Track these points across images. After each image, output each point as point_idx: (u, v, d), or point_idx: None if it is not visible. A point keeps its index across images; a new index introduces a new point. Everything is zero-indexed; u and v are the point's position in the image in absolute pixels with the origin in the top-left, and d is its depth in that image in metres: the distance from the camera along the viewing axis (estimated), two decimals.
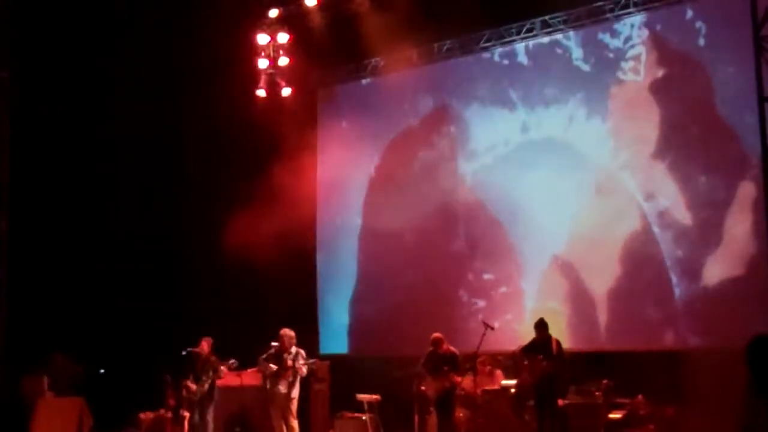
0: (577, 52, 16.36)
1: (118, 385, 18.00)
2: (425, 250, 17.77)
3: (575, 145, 16.15)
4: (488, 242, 17.14)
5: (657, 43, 15.48)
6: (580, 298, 15.83)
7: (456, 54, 17.90)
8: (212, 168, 19.05)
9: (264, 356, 14.41)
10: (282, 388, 14.15)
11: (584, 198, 15.97)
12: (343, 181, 19.29)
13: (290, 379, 14.15)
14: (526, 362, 13.40)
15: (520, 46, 17.09)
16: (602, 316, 15.58)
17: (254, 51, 18.22)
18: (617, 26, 15.86)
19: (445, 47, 17.91)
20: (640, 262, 15.26)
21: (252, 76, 18.33)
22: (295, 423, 14.23)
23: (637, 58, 15.61)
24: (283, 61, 18.22)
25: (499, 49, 17.38)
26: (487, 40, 17.39)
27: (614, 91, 15.83)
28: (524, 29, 16.90)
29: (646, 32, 15.60)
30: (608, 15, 15.92)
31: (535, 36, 16.82)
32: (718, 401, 12.34)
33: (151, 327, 18.65)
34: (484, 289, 17.03)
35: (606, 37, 16.02)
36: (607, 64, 15.99)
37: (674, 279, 14.85)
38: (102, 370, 19.10)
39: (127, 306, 18.94)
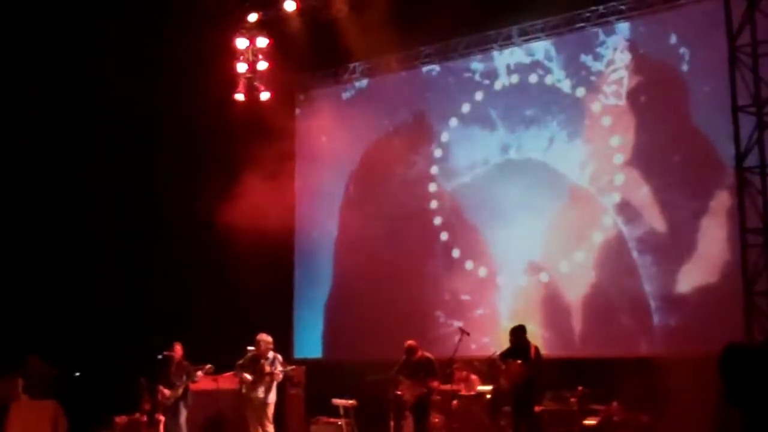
0: (559, 74, 16.39)
1: (93, 389, 17.90)
2: (400, 256, 17.80)
3: (555, 166, 16.20)
4: (463, 246, 17.17)
5: (639, 66, 15.54)
6: (555, 305, 15.90)
7: (434, 60, 17.96)
8: (190, 172, 18.99)
9: (241, 361, 14.41)
10: (259, 393, 14.16)
11: (559, 205, 16.03)
12: (320, 186, 19.33)
13: (267, 384, 14.15)
14: (503, 367, 13.40)
15: (501, 65, 17.10)
16: (577, 323, 15.66)
17: (233, 55, 18.22)
18: (600, 50, 15.91)
19: (423, 53, 17.95)
20: (615, 270, 15.35)
21: (230, 80, 18.32)
22: (271, 428, 14.25)
23: (619, 81, 15.67)
24: (262, 65, 18.23)
25: (480, 67, 17.38)
26: (466, 47, 17.45)
27: (596, 114, 15.86)
28: (501, 36, 16.95)
29: (628, 56, 15.64)
30: (584, 24, 16.01)
31: (512, 43, 16.88)
32: (692, 408, 12.42)
33: (126, 331, 18.57)
34: (458, 295, 17.05)
35: (589, 60, 16.06)
36: (589, 87, 16.03)
37: (649, 286, 14.96)
38: (77, 373, 19.01)
39: (103, 309, 18.85)
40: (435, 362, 13.93)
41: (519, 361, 13.03)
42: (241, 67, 18.23)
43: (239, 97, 18.24)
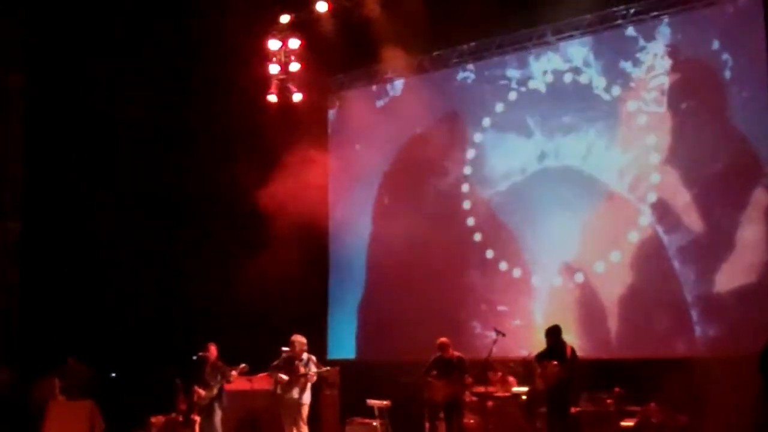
0: (598, 81, 16.24)
1: (129, 389, 18.02)
2: (433, 257, 17.73)
3: (593, 173, 16.11)
4: (497, 247, 17.12)
5: (680, 72, 15.36)
6: (591, 306, 15.81)
7: (468, 60, 17.88)
8: (224, 173, 19.04)
9: (275, 363, 14.43)
10: (293, 394, 14.18)
11: (595, 205, 15.95)
12: (353, 187, 19.31)
13: (302, 385, 14.17)
14: (539, 369, 13.35)
15: (537, 72, 16.97)
16: (614, 324, 15.57)
17: (265, 56, 18.25)
18: (639, 55, 15.73)
19: (456, 53, 17.90)
20: (652, 270, 15.26)
21: (263, 82, 18.35)
22: (305, 429, 14.25)
23: (659, 88, 15.49)
24: (294, 66, 18.24)
25: (516, 74, 17.26)
26: (499, 46, 17.38)
27: (635, 122, 15.72)
28: (536, 35, 16.88)
29: (669, 62, 15.46)
30: (620, 21, 15.91)
31: (546, 42, 16.79)
32: (731, 408, 12.39)
33: (162, 331, 18.69)
34: (493, 295, 17.01)
35: (628, 66, 15.89)
36: (628, 94, 15.86)
37: (686, 286, 14.84)
38: (113, 374, 19.12)
39: (139, 310, 18.97)
40: (467, 361, 13.90)
41: (555, 362, 12.98)
42: (274, 69, 18.25)
43: (272, 98, 18.27)
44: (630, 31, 15.94)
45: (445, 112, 18.18)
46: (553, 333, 13.28)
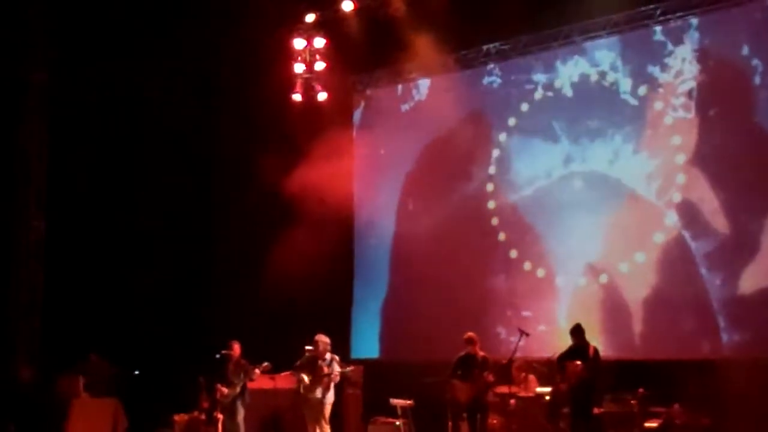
0: (624, 85, 16.11)
1: (152, 387, 18.07)
2: (457, 256, 17.71)
3: (618, 176, 16.00)
4: (521, 247, 17.07)
5: (708, 75, 15.21)
6: (615, 307, 15.74)
7: (493, 60, 17.82)
8: (249, 172, 19.09)
9: (298, 363, 14.44)
10: (317, 393, 14.18)
11: (619, 206, 15.87)
12: (377, 187, 19.29)
13: (325, 385, 14.17)
14: (561, 369, 13.31)
15: (564, 76, 16.86)
16: (638, 325, 15.48)
17: (291, 55, 18.27)
18: (668, 60, 15.58)
19: (482, 53, 17.85)
20: (676, 271, 15.16)
21: (288, 81, 18.37)
22: (327, 428, 14.25)
23: (688, 93, 15.34)
24: (320, 65, 18.26)
25: (542, 78, 17.15)
26: (525, 45, 17.31)
27: (662, 126, 15.58)
28: (562, 35, 16.80)
29: (697, 67, 15.31)
30: (648, 21, 15.81)
31: (573, 42, 16.72)
32: (755, 410, 12.30)
33: (185, 329, 18.73)
34: (516, 296, 16.96)
35: (656, 71, 15.73)
36: (656, 98, 15.71)
37: (711, 287, 14.73)
38: (137, 372, 19.19)
39: (162, 308, 19.03)
40: (491, 361, 13.85)
41: (578, 362, 12.93)
42: (299, 68, 18.26)
43: (296, 97, 18.28)
44: (658, 35, 15.79)
45: (470, 113, 18.10)
46: (578, 332, 13.26)
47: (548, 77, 17.11)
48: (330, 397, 14.34)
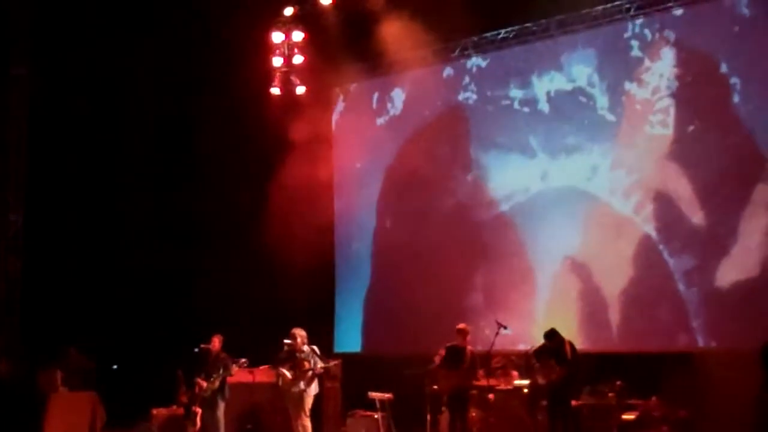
0: (602, 101, 16.09)
1: (131, 381, 18.04)
2: (437, 250, 17.76)
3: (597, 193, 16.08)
4: (500, 242, 17.10)
5: (687, 93, 15.20)
6: (592, 299, 15.80)
7: (471, 54, 17.84)
8: (228, 165, 19.09)
9: (278, 357, 14.44)
10: (300, 386, 14.17)
11: (597, 199, 15.92)
12: (358, 181, 19.32)
13: (307, 378, 14.17)
14: (537, 364, 13.38)
15: (541, 93, 16.82)
16: (615, 317, 15.55)
17: (269, 49, 18.23)
18: (645, 76, 15.53)
19: (461, 46, 17.87)
20: (654, 263, 15.22)
21: (266, 75, 18.34)
22: (307, 421, 14.24)
23: (665, 110, 15.34)
24: (298, 59, 18.22)
25: (519, 94, 17.12)
26: (504, 39, 17.33)
27: (641, 144, 15.57)
28: (540, 29, 16.83)
29: (675, 84, 15.29)
30: (623, 15, 15.84)
31: (551, 36, 16.74)
32: (732, 403, 12.35)
33: (164, 323, 18.69)
34: (495, 290, 16.99)
35: (633, 87, 15.72)
36: (634, 116, 15.69)
37: (688, 280, 14.80)
38: (115, 366, 19.15)
39: (141, 302, 18.99)
40: (478, 357, 13.88)
41: (553, 362, 12.99)
42: (277, 62, 18.23)
43: (275, 91, 18.25)
44: (635, 50, 15.77)
45: (448, 107, 18.14)
46: (553, 336, 13.32)
47: (524, 92, 17.09)
48: (314, 388, 14.33)
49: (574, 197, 16.22)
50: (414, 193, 18.33)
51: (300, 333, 14.38)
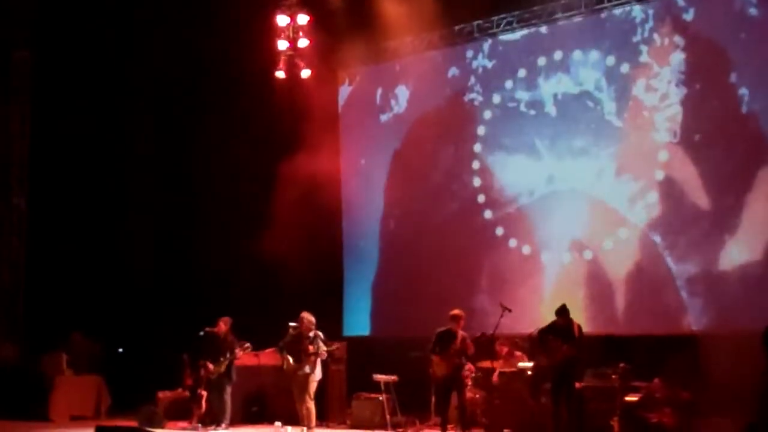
0: (609, 106, 15.97)
1: (136, 364, 18.12)
2: (444, 233, 17.75)
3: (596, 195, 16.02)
4: (508, 225, 17.09)
5: (695, 100, 15.07)
6: (598, 283, 15.79)
7: (476, 37, 17.78)
8: (232, 149, 19.08)
9: (281, 343, 14.46)
10: (305, 369, 14.19)
11: (605, 181, 15.89)
12: (365, 164, 19.27)
13: (312, 362, 14.20)
14: (542, 345, 13.38)
15: (548, 96, 16.70)
16: (620, 301, 15.54)
17: (274, 32, 18.18)
18: (653, 81, 15.39)
19: (466, 30, 17.82)
20: (658, 247, 15.19)
21: (272, 58, 18.30)
22: (312, 404, 14.28)
23: (673, 118, 15.21)
24: (303, 42, 18.13)
25: (526, 97, 16.99)
26: (509, 23, 17.27)
27: (646, 148, 15.49)
28: (546, 12, 16.79)
29: (684, 90, 15.16)
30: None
31: (556, 20, 16.68)
32: (734, 385, 12.36)
33: (169, 307, 18.74)
34: (504, 272, 16.98)
35: (641, 92, 15.57)
36: (641, 123, 15.58)
37: (692, 264, 14.78)
38: (120, 349, 19.23)
39: (146, 285, 19.03)
40: (469, 342, 13.87)
41: (560, 341, 12.99)
42: (282, 45, 18.16)
43: (280, 74, 18.19)
44: (644, 56, 15.61)
45: (455, 90, 18.10)
46: (564, 312, 13.29)
47: (531, 94, 16.98)
48: (318, 373, 14.37)
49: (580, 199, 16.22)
50: (421, 169, 18.31)
51: (307, 317, 14.39)
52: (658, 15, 15.57)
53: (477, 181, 17.62)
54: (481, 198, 17.55)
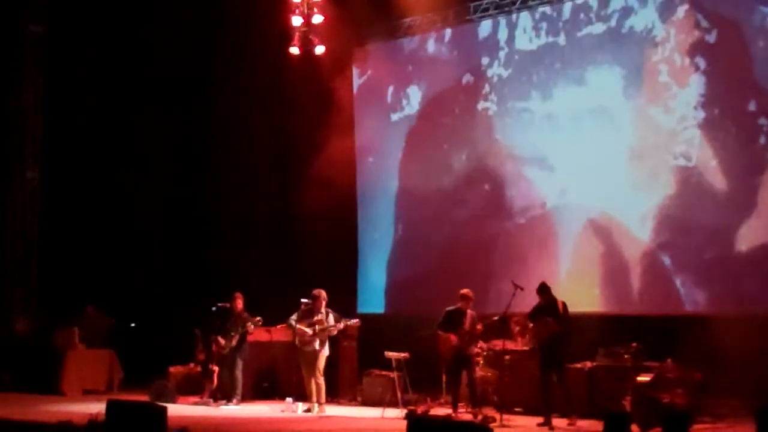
0: (625, 122, 15.78)
1: (148, 339, 18.16)
2: (459, 211, 17.72)
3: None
4: (522, 204, 17.02)
5: (713, 124, 14.83)
6: (613, 262, 15.72)
7: (491, 15, 17.67)
8: (247, 124, 19.07)
9: (294, 317, 14.48)
10: (314, 346, 14.25)
11: (619, 162, 15.78)
12: (379, 141, 19.21)
13: (322, 338, 14.25)
14: (531, 326, 13.51)
15: (562, 108, 16.52)
16: (635, 281, 15.46)
17: (288, 8, 18.10)
18: (672, 102, 15.16)
19: (481, 7, 17.72)
20: (674, 227, 15.11)
21: (286, 34, 18.23)
22: (321, 380, 14.33)
23: (689, 141, 15.00)
24: (317, 18, 18.03)
25: (541, 107, 16.84)
26: (524, 1, 17.16)
27: (660, 168, 15.35)
28: None
29: (702, 114, 14.92)
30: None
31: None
32: (746, 366, 12.34)
33: (182, 282, 18.76)
34: (518, 253, 16.91)
35: (659, 113, 15.34)
36: (657, 144, 15.39)
37: (707, 244, 14.69)
38: (133, 324, 19.27)
39: (159, 260, 19.05)
40: (477, 321, 13.89)
41: (549, 319, 13.01)
42: (296, 21, 18.07)
43: (294, 50, 18.11)
44: (664, 76, 15.34)
45: (470, 66, 18.00)
46: (545, 290, 13.39)
47: (546, 106, 16.80)
48: (326, 350, 14.40)
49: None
50: (437, 146, 18.25)
51: (321, 294, 14.44)
52: (680, 33, 15.23)
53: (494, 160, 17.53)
54: (494, 159, 17.49)
